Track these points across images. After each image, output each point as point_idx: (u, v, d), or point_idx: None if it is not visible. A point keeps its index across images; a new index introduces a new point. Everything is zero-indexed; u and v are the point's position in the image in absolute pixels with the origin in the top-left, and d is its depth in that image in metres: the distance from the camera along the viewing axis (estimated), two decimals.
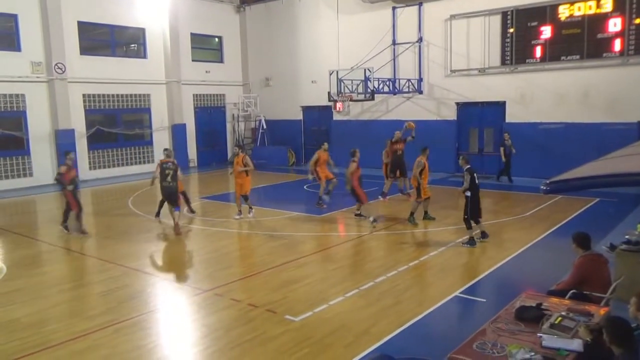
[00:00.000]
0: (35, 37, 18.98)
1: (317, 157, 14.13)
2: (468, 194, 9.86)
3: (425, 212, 12.28)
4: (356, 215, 12.59)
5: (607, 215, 12.22)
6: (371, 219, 11.81)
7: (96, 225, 13.52)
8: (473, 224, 10.02)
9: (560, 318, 4.73)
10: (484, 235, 10.29)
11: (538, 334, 4.56)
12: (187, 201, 13.68)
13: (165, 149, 12.58)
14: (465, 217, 10.00)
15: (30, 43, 18.87)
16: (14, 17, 18.57)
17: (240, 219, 12.84)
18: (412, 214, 11.99)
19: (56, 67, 19.26)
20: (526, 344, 4.40)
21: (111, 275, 8.89)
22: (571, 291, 5.74)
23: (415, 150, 12.60)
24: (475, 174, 9.94)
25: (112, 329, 6.62)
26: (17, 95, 18.77)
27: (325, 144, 14.72)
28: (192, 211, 13.62)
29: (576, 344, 4.33)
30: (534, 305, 5.09)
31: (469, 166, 9.98)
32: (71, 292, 8.14)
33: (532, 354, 4.19)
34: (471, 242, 10.04)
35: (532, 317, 4.87)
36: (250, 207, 13.09)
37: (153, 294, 8.21)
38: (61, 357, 5.96)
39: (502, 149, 17.17)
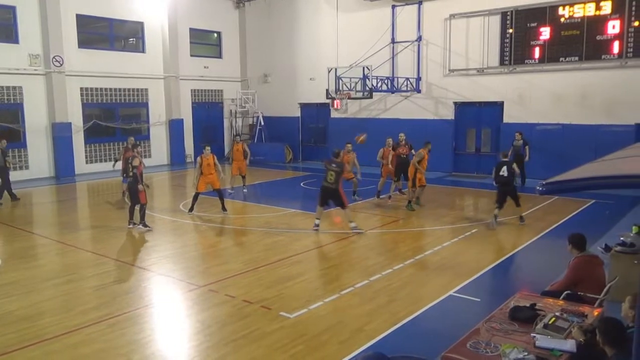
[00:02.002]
0: (33, 30, 18.91)
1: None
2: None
3: (417, 198, 13.47)
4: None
5: (603, 217, 12.25)
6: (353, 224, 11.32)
7: (92, 219, 13.50)
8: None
9: (554, 318, 4.74)
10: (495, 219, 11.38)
11: (532, 334, 4.57)
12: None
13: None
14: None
15: (28, 35, 18.80)
16: (12, 9, 18.49)
17: (233, 193, 15.60)
18: (409, 202, 13.21)
19: (54, 59, 19.19)
20: (520, 343, 4.41)
21: (106, 270, 8.89)
22: (565, 292, 5.76)
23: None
24: (502, 168, 11.28)
25: (106, 323, 6.62)
26: (14, 88, 18.70)
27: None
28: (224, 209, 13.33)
29: (569, 345, 4.34)
30: (528, 305, 5.10)
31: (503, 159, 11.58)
32: (66, 286, 8.12)
33: (526, 353, 4.20)
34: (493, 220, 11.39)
35: (526, 317, 4.88)
36: (245, 185, 16.08)
37: (148, 288, 8.20)
38: (55, 350, 5.95)
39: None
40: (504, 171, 11.28)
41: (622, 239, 7.40)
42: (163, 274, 8.73)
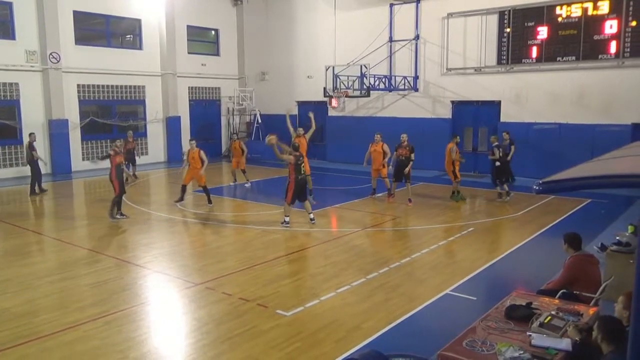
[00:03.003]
0: (30, 26, 18.85)
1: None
2: (498, 163, 13.81)
3: (458, 192, 14.26)
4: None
5: (599, 216, 12.29)
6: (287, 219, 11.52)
7: (88, 216, 13.47)
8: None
9: (549, 317, 4.76)
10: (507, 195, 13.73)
11: (527, 333, 4.58)
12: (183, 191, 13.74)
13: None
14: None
15: (25, 32, 18.74)
16: (8, 5, 18.43)
17: (235, 184, 16.91)
18: (457, 192, 14.16)
19: (51, 56, 19.14)
20: (515, 342, 4.43)
21: (102, 267, 8.87)
22: (561, 291, 5.78)
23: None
24: (496, 151, 13.85)
25: (102, 321, 6.61)
26: (10, 84, 18.65)
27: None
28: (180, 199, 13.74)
29: (565, 343, 4.36)
30: (524, 304, 5.12)
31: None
32: (62, 283, 8.11)
33: (521, 352, 4.21)
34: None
35: (522, 315, 4.89)
36: (248, 179, 17.00)
37: (144, 286, 8.19)
38: (51, 347, 5.94)
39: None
40: (498, 153, 13.87)
41: (617, 238, 7.43)
42: (159, 272, 8.73)
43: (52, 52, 19.15)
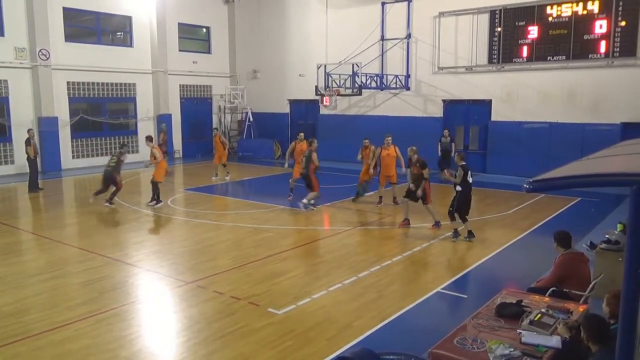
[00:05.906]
0: (19, 23, 18.65)
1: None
2: (458, 188, 10.00)
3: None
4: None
5: (588, 215, 12.39)
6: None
7: (78, 214, 13.38)
8: (457, 220, 10.14)
9: (539, 315, 4.80)
10: (470, 234, 10.18)
11: (518, 330, 4.62)
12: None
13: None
14: (450, 209, 10.20)
15: (14, 28, 18.54)
16: None
17: (217, 179, 17.43)
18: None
19: (40, 53, 18.96)
20: (506, 339, 4.46)
21: (93, 266, 8.82)
22: (551, 289, 5.83)
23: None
24: (469, 172, 10.07)
25: (93, 320, 6.58)
26: None
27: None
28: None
29: (555, 341, 4.40)
30: (514, 302, 5.16)
31: (463, 163, 10.05)
32: (52, 282, 8.06)
33: (512, 349, 4.25)
34: (455, 234, 10.26)
35: (512, 313, 4.93)
36: (228, 172, 17.73)
37: (135, 285, 8.16)
38: (41, 346, 5.91)
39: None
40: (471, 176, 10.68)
41: (607, 236, 7.49)
42: (151, 270, 8.69)
43: (41, 49, 18.98)
